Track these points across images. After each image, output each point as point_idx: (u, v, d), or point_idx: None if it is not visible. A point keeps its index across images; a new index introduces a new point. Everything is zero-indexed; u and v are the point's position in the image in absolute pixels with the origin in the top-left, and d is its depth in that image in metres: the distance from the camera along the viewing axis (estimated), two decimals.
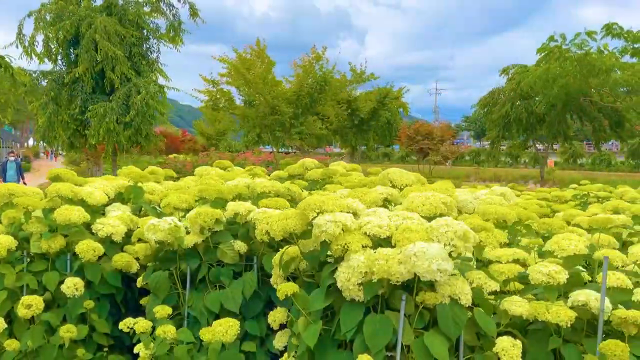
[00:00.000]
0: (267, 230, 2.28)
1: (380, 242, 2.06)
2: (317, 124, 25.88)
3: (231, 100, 23.92)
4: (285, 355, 2.30)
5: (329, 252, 2.11)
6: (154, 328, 2.45)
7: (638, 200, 4.85)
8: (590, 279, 2.43)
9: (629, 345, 1.92)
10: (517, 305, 2.03)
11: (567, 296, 2.07)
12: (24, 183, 13.44)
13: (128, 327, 2.52)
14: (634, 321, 1.90)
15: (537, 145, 24.87)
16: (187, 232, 2.78)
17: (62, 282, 2.83)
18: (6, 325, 2.71)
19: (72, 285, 2.78)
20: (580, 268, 2.40)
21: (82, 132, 14.02)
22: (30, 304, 2.66)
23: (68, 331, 2.70)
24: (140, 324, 2.42)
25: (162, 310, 2.44)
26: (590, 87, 17.06)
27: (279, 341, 2.48)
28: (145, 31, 14.79)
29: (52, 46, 14.19)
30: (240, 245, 2.72)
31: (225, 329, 2.31)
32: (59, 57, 14.38)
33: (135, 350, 2.48)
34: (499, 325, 2.07)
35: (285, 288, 2.04)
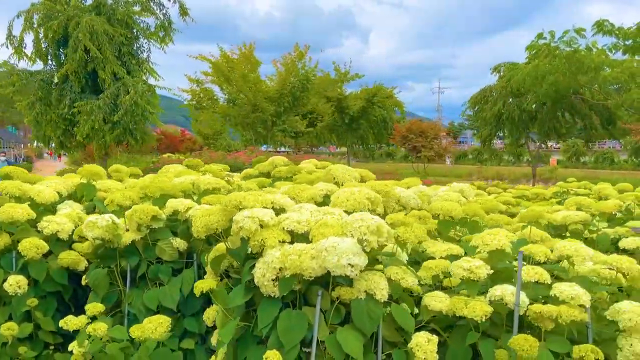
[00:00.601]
0: None
1: (300, 237, 2.05)
2: (303, 123, 25.92)
3: (214, 99, 24.01)
4: (216, 353, 2.29)
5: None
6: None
7: (611, 197, 4.82)
8: None
9: (546, 340, 1.91)
10: (437, 301, 2.01)
11: None
12: None
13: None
14: (549, 316, 1.88)
15: (529, 143, 24.78)
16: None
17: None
18: None
19: (15, 283, 2.77)
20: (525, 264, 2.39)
21: (72, 131, 14.01)
22: None
23: (9, 329, 2.69)
24: (73, 322, 2.40)
25: (94, 308, 2.43)
26: (579, 85, 16.99)
27: (215, 338, 2.47)
28: (135, 30, 14.76)
29: (43, 46, 14.18)
30: (179, 243, 2.71)
31: (155, 326, 2.31)
32: (49, 57, 14.37)
33: (69, 348, 2.47)
34: (421, 321, 2.06)
35: (201, 284, 2.03)
